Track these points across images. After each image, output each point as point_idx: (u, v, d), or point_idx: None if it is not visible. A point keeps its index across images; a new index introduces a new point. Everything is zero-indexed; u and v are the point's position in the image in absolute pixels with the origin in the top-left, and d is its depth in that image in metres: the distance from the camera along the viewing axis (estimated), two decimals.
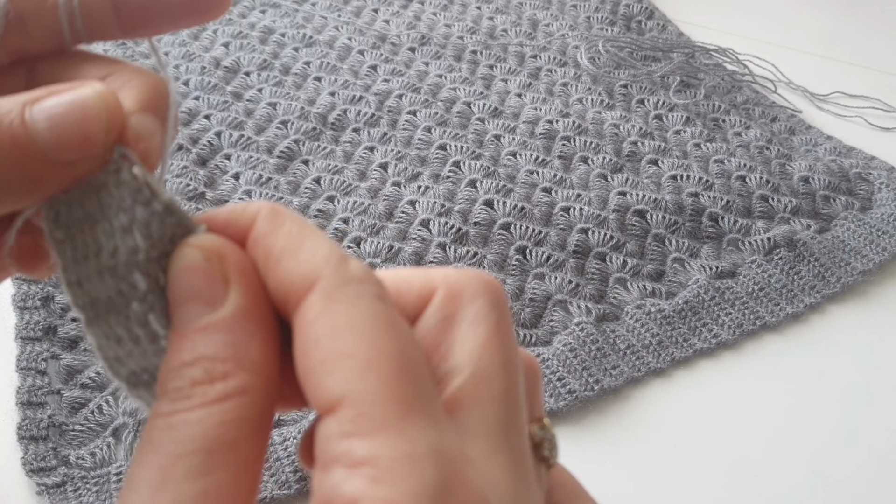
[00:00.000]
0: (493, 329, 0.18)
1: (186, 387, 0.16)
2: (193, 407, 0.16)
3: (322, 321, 0.16)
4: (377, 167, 0.62)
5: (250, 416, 0.16)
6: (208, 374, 0.16)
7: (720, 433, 0.46)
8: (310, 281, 0.17)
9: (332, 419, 0.15)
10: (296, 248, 0.17)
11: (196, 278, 0.17)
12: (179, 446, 0.16)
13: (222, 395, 0.16)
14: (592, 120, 0.67)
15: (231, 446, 0.16)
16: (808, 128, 0.70)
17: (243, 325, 0.17)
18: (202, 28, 0.77)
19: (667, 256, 0.56)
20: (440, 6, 0.83)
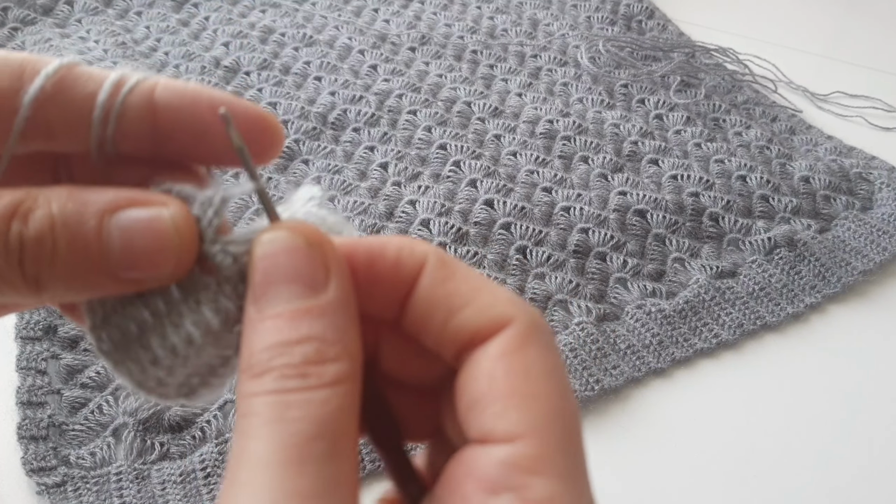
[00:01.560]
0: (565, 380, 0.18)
1: (299, 363, 0.16)
2: (313, 387, 0.16)
3: (515, 358, 0.17)
4: (377, 167, 0.62)
5: (356, 404, 0.17)
6: (320, 355, 0.16)
7: (720, 433, 0.46)
8: (500, 322, 0.17)
9: (509, 449, 0.16)
10: (477, 292, 0.18)
11: (297, 260, 0.17)
12: (311, 427, 0.15)
13: (336, 378, 0.16)
14: (593, 119, 0.67)
15: (350, 434, 0.16)
16: (809, 127, 0.70)
17: (346, 314, 0.17)
18: (202, 28, 0.77)
19: (667, 256, 0.56)
20: (440, 6, 0.83)
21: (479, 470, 0.16)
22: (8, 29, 0.75)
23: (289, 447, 0.15)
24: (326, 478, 0.15)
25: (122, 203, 0.17)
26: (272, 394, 0.16)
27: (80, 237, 0.16)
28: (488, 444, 0.16)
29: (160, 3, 0.80)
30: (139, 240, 0.17)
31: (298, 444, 0.15)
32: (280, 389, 0.16)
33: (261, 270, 0.17)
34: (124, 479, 0.42)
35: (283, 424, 0.16)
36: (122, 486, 0.42)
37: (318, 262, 0.17)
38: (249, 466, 0.15)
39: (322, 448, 0.15)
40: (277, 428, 0.15)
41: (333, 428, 0.16)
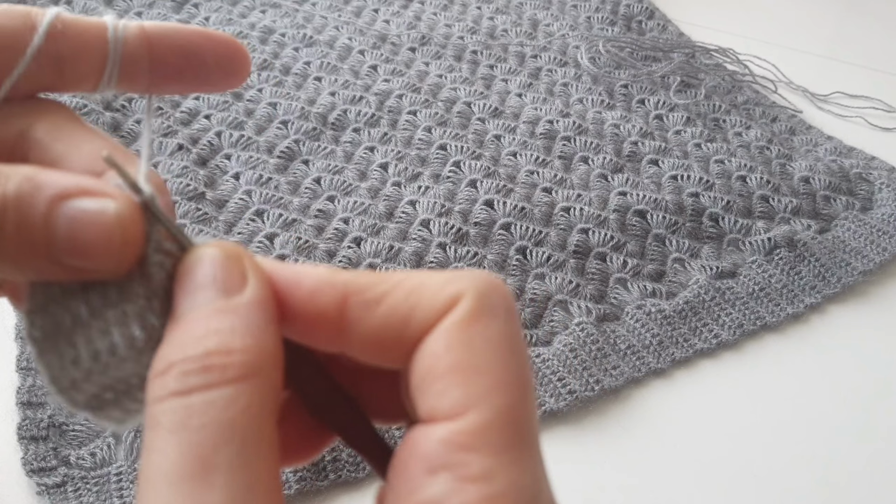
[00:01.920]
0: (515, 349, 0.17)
1: (200, 355, 0.15)
2: (215, 384, 0.15)
3: (459, 331, 0.16)
4: (377, 167, 0.62)
5: (270, 402, 0.16)
6: (224, 345, 0.16)
7: (720, 433, 0.46)
8: (448, 304, 0.17)
9: (449, 426, 0.15)
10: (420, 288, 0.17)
11: (213, 268, 0.17)
12: (217, 433, 0.15)
13: (243, 373, 0.15)
14: (593, 120, 0.67)
15: (264, 436, 0.15)
16: (809, 128, 0.70)
17: (260, 314, 0.17)
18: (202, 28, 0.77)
19: (667, 256, 0.56)
20: (440, 6, 0.83)
21: (421, 449, 0.16)
22: None
23: (193, 458, 0.14)
24: (238, 487, 0.14)
25: (73, 192, 0.17)
26: (173, 397, 0.15)
27: (28, 220, 0.16)
28: (432, 422, 0.16)
29: (160, 4, 0.80)
30: (83, 230, 0.17)
31: (203, 454, 0.14)
32: (181, 390, 0.15)
33: (179, 282, 0.17)
34: (125, 479, 0.42)
35: (186, 433, 0.15)
36: (122, 486, 0.42)
37: (233, 269, 0.17)
38: (153, 484, 0.14)
39: (230, 455, 0.15)
40: (180, 438, 0.15)
41: (243, 431, 0.15)
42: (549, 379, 0.47)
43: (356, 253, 0.54)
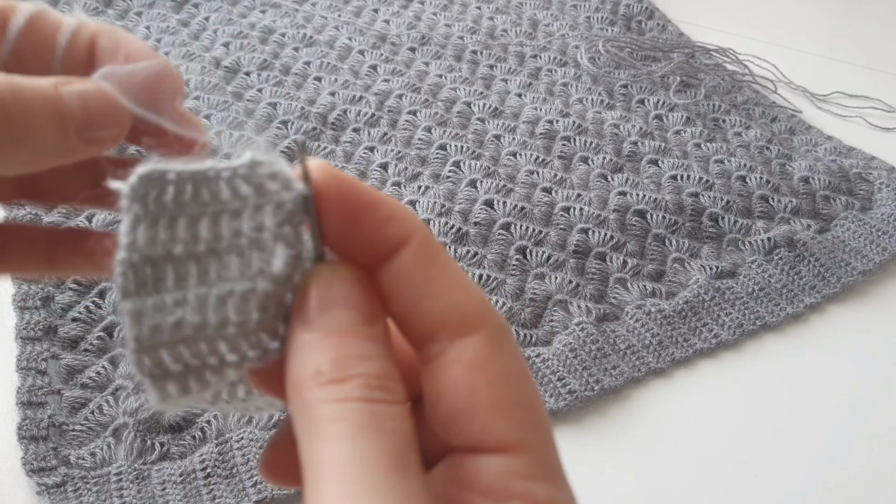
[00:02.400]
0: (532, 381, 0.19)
1: (379, 375, 0.17)
2: (394, 401, 0.17)
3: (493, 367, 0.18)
4: (377, 167, 0.62)
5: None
6: (391, 372, 0.17)
7: (720, 433, 0.46)
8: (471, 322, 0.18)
9: (506, 459, 0.17)
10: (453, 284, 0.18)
11: (353, 291, 0.18)
12: (406, 438, 0.16)
13: (402, 399, 0.17)
14: (592, 120, 0.67)
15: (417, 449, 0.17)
16: (809, 128, 0.70)
17: (389, 345, 0.18)
18: (202, 28, 0.77)
19: (667, 256, 0.56)
20: (440, 6, 0.83)
21: (481, 481, 0.17)
22: None
23: (392, 454, 0.16)
24: (422, 485, 0.16)
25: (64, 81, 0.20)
26: (359, 401, 0.16)
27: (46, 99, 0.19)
28: (481, 454, 0.17)
29: (160, 4, 0.80)
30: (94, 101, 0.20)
31: (400, 453, 0.16)
32: (367, 398, 0.16)
33: (316, 296, 0.18)
34: (124, 479, 0.42)
35: (381, 433, 0.16)
36: (122, 486, 0.42)
37: (371, 296, 0.18)
38: (351, 467, 0.16)
39: (413, 460, 0.16)
40: (375, 435, 0.16)
41: (413, 441, 0.17)
42: (549, 379, 0.47)
43: None
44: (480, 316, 0.18)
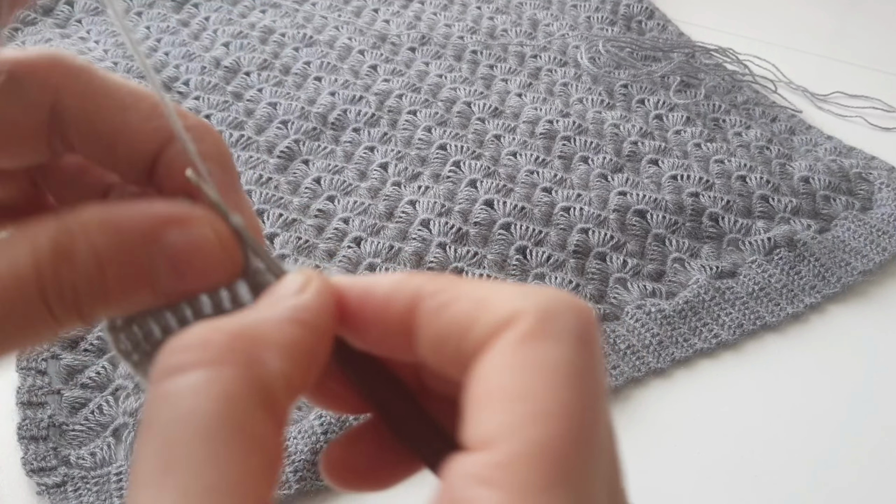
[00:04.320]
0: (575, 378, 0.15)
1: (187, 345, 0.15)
2: (190, 365, 0.14)
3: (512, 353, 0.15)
4: (377, 167, 0.62)
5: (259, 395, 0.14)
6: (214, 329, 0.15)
7: (720, 433, 0.46)
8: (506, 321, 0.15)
9: (476, 457, 0.14)
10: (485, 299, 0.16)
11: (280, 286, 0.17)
12: (177, 427, 0.13)
13: (220, 358, 0.14)
14: (593, 120, 0.67)
15: (238, 431, 0.14)
16: (809, 128, 0.70)
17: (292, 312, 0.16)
18: (202, 28, 0.77)
19: (667, 256, 0.56)
20: (440, 6, 0.83)
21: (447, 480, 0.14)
22: (8, 29, 0.75)
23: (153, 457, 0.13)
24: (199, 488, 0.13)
25: (160, 222, 0.17)
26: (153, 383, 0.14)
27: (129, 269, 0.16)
28: (466, 452, 0.14)
29: (160, 4, 0.80)
30: (187, 260, 0.17)
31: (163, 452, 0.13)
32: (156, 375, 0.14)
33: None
34: (125, 479, 0.42)
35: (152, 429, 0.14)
36: (122, 486, 0.42)
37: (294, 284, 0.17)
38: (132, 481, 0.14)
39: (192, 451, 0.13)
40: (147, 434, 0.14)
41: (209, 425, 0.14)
42: None
43: (356, 253, 0.54)
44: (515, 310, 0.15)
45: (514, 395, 0.14)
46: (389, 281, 0.17)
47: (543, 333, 0.15)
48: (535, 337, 0.15)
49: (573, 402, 0.14)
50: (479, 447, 0.14)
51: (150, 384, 0.15)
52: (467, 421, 0.15)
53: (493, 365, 0.15)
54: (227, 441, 0.13)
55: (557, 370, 0.14)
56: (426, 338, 0.16)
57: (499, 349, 0.15)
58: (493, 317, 0.15)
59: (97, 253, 0.16)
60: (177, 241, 0.17)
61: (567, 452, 0.14)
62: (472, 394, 0.15)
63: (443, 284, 0.17)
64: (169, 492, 0.13)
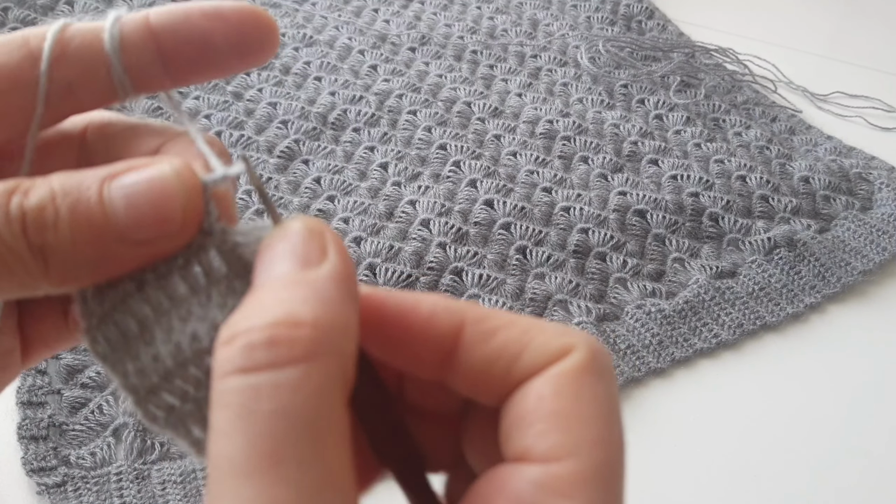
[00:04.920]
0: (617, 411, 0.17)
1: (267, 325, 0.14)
2: (281, 362, 0.14)
3: (568, 381, 0.16)
4: (377, 167, 0.62)
5: (344, 387, 0.15)
6: (291, 316, 0.15)
7: (720, 433, 0.46)
8: (561, 352, 0.17)
9: (545, 469, 0.15)
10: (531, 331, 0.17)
11: (293, 244, 0.17)
12: (286, 422, 0.14)
13: (310, 350, 0.14)
14: (593, 120, 0.67)
15: (335, 425, 0.14)
16: (809, 128, 0.70)
17: (336, 288, 0.16)
18: None
19: (667, 256, 0.56)
20: (440, 6, 0.83)
21: (511, 487, 0.16)
22: (8, 29, 0.75)
23: (262, 449, 0.13)
24: (311, 482, 0.14)
25: (120, 170, 0.17)
26: (239, 373, 0.14)
27: (81, 202, 0.16)
28: (525, 462, 0.16)
29: (160, 4, 0.80)
30: (143, 195, 0.16)
31: (273, 446, 0.14)
32: (246, 366, 0.14)
33: (260, 258, 0.17)
34: (124, 479, 0.42)
35: (254, 420, 0.14)
36: (122, 486, 0.42)
37: (313, 244, 0.16)
38: (223, 474, 0.14)
39: (301, 447, 0.14)
40: (247, 424, 0.14)
41: (313, 419, 0.14)
42: None
43: (356, 252, 0.54)
44: (568, 344, 0.17)
45: (577, 418, 0.16)
46: (434, 300, 0.18)
47: (594, 369, 0.17)
48: (588, 371, 0.17)
49: (620, 433, 0.17)
50: (542, 460, 0.16)
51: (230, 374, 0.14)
52: (522, 433, 0.16)
53: (553, 389, 0.16)
54: (330, 435, 0.14)
55: (607, 403, 0.17)
56: (471, 360, 0.17)
57: (555, 375, 0.17)
58: (547, 347, 0.17)
59: (51, 188, 0.16)
60: (133, 178, 0.17)
61: (619, 475, 0.16)
62: (526, 410, 0.16)
63: (488, 313, 0.18)
64: (280, 485, 0.13)
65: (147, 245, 0.17)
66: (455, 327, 0.17)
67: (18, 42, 0.18)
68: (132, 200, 0.16)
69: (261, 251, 0.17)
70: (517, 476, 0.16)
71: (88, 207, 0.16)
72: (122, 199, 0.16)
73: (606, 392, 0.17)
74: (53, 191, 0.16)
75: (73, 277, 0.17)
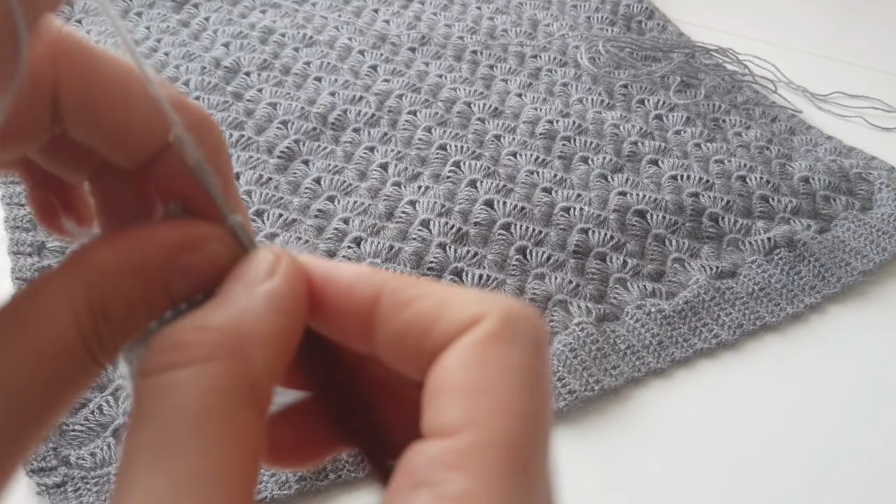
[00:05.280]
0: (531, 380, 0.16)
1: (175, 331, 0.16)
2: (182, 362, 0.15)
3: (475, 351, 0.16)
4: (377, 167, 0.62)
5: (250, 391, 0.16)
6: (201, 324, 0.16)
7: (720, 433, 0.46)
8: (470, 322, 0.16)
9: (441, 443, 0.15)
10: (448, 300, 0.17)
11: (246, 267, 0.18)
12: (169, 419, 0.15)
13: (211, 354, 0.15)
14: (593, 120, 0.67)
15: (228, 424, 0.15)
16: (809, 128, 0.70)
17: (268, 301, 0.17)
18: (202, 28, 0.77)
19: (667, 256, 0.56)
20: (440, 6, 0.83)
21: (410, 464, 0.15)
22: None
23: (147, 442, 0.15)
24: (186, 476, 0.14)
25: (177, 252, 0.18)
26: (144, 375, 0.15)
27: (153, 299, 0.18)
28: (428, 438, 0.15)
29: (160, 4, 0.80)
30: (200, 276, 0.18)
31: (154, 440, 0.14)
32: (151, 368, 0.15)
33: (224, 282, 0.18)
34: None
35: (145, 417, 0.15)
36: None
37: (263, 267, 0.17)
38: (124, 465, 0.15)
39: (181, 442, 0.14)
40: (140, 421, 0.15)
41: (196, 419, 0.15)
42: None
43: (356, 253, 0.54)
44: (479, 313, 0.16)
45: (479, 389, 0.15)
46: (354, 270, 0.18)
47: (505, 336, 0.16)
48: (498, 339, 0.16)
49: (530, 402, 0.15)
50: (444, 434, 0.15)
51: (139, 378, 0.16)
52: (430, 409, 0.16)
53: (458, 360, 0.16)
54: (215, 432, 0.15)
55: (517, 371, 0.16)
56: (386, 331, 0.17)
57: (463, 346, 0.16)
58: (459, 316, 0.16)
59: (128, 301, 0.17)
60: (191, 261, 0.18)
61: (524, 446, 0.15)
62: (436, 385, 0.16)
63: (406, 282, 0.17)
64: (160, 478, 0.14)
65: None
66: (372, 298, 0.17)
67: None
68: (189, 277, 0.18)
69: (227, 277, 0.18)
70: (418, 452, 0.15)
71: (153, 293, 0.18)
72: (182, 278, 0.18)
73: (519, 361, 0.16)
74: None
75: None
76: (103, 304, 0.17)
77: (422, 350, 0.17)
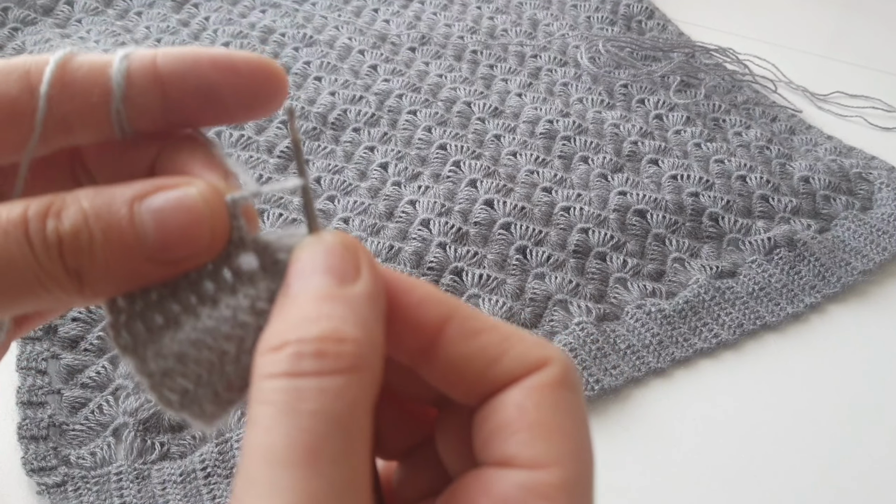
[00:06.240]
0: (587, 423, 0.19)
1: (315, 338, 0.16)
2: (327, 372, 0.16)
3: (548, 393, 0.17)
4: (377, 167, 0.62)
5: (373, 398, 0.16)
6: (338, 333, 0.16)
7: (720, 433, 0.46)
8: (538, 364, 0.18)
9: (531, 474, 0.17)
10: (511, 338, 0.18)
11: (329, 255, 0.18)
12: (326, 423, 0.15)
13: (353, 364, 0.16)
14: (593, 120, 0.67)
15: (365, 431, 0.16)
16: (809, 128, 0.70)
17: (370, 307, 0.17)
18: (202, 28, 0.77)
19: (667, 256, 0.56)
20: (440, 6, 0.83)
21: (497, 490, 0.17)
22: (8, 29, 0.75)
23: (302, 444, 0.15)
24: (341, 479, 0.15)
25: (149, 190, 0.17)
26: (286, 377, 0.15)
27: (113, 225, 0.17)
28: (510, 468, 0.17)
29: (160, 4, 0.80)
30: (171, 218, 0.17)
31: (312, 441, 0.15)
32: (294, 371, 0.15)
33: (296, 265, 0.18)
34: (124, 478, 0.42)
35: (297, 418, 0.15)
36: (122, 485, 0.42)
37: (349, 260, 0.18)
38: (261, 462, 0.15)
39: (336, 447, 0.15)
40: (290, 421, 0.15)
41: (348, 424, 0.15)
42: None
43: None
44: (546, 357, 0.18)
45: (559, 430, 0.17)
46: (426, 288, 0.19)
47: (568, 384, 0.18)
48: (563, 385, 0.18)
49: (591, 444, 0.18)
50: (528, 466, 0.17)
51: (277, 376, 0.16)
52: (505, 440, 0.17)
53: (532, 401, 0.17)
54: (358, 440, 0.16)
55: (581, 416, 0.18)
56: (451, 353, 0.18)
57: (533, 387, 0.18)
58: (525, 358, 0.18)
59: (83, 210, 0.17)
60: (161, 200, 0.17)
61: (591, 484, 0.18)
62: (506, 417, 0.17)
63: (476, 313, 0.19)
64: (316, 477, 0.15)
65: (176, 264, 0.18)
66: (442, 319, 0.18)
67: (20, 71, 0.18)
68: (162, 223, 0.17)
69: (296, 258, 0.18)
70: (503, 480, 0.17)
71: (121, 231, 0.17)
72: (152, 222, 0.17)
73: (580, 405, 0.18)
74: (85, 213, 0.17)
75: (105, 293, 0.18)
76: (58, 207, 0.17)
77: (483, 379, 0.18)
